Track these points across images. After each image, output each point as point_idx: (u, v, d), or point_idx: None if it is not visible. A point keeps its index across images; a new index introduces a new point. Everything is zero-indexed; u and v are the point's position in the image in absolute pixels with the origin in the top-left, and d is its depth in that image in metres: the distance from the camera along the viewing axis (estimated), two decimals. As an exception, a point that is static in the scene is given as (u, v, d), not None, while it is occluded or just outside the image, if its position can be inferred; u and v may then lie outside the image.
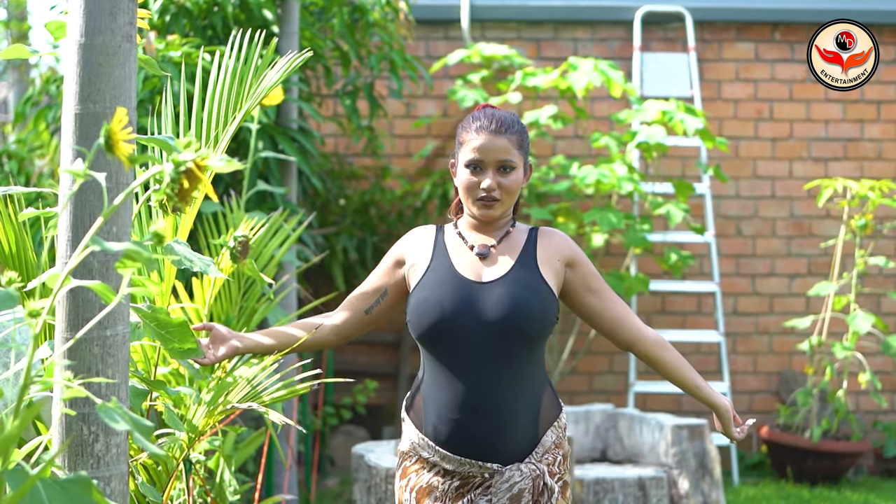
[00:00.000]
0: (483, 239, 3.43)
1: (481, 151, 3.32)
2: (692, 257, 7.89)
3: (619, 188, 7.32)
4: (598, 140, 7.69)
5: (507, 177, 3.34)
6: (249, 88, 4.28)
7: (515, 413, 3.26)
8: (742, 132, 8.75)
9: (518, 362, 3.27)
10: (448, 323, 3.27)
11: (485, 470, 3.25)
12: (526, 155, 3.42)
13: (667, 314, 8.72)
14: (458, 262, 3.38)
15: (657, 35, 8.71)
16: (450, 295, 3.30)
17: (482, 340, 3.25)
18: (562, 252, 3.41)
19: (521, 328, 3.25)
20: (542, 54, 8.70)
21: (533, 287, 3.30)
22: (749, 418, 3.63)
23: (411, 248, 3.51)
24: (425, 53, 8.70)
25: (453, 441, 3.28)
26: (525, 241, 3.43)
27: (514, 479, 3.22)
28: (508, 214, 3.47)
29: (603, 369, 8.69)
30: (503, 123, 3.35)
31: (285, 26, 6.50)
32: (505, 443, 3.26)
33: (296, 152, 6.38)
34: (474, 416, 3.25)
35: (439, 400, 3.30)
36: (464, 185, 3.37)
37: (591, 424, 6.97)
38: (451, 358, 3.28)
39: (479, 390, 3.25)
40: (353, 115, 7.31)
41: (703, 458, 6.49)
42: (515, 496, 3.22)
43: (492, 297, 3.28)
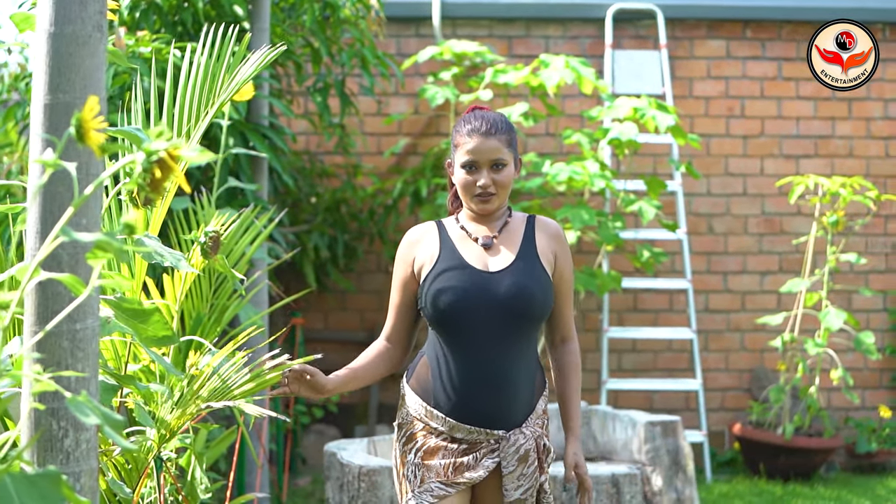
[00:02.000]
0: (484, 230, 3.76)
1: (475, 153, 3.66)
2: (664, 254, 7.89)
3: (591, 185, 7.31)
4: (570, 137, 7.67)
5: (500, 173, 3.68)
6: (221, 84, 4.25)
7: (519, 385, 3.62)
8: (713, 129, 8.76)
9: (522, 341, 3.63)
10: (463, 309, 3.61)
11: (492, 436, 3.60)
12: (515, 150, 3.75)
13: (639, 311, 8.72)
14: (466, 254, 3.71)
15: (629, 32, 8.70)
16: (464, 283, 3.64)
17: (494, 323, 3.60)
18: (555, 243, 3.76)
19: (528, 313, 3.61)
20: (513, 52, 8.69)
21: (536, 275, 3.65)
22: (573, 484, 3.79)
23: (416, 246, 3.81)
24: (397, 51, 8.67)
25: (464, 412, 3.62)
26: (524, 230, 3.76)
27: (520, 441, 3.59)
28: (505, 205, 3.79)
29: (575, 367, 8.66)
30: (493, 125, 3.68)
31: (256, 22, 6.45)
32: (510, 412, 3.61)
33: (266, 149, 6.34)
34: (486, 390, 3.60)
35: (452, 376, 3.65)
36: (462, 185, 3.70)
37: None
38: (464, 339, 3.63)
39: (491, 367, 3.60)
40: (324, 112, 7.28)
41: (677, 454, 6.48)
42: (522, 456, 3.58)
43: (502, 285, 3.63)
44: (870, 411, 8.72)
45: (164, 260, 3.59)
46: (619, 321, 8.67)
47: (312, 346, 8.32)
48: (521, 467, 3.59)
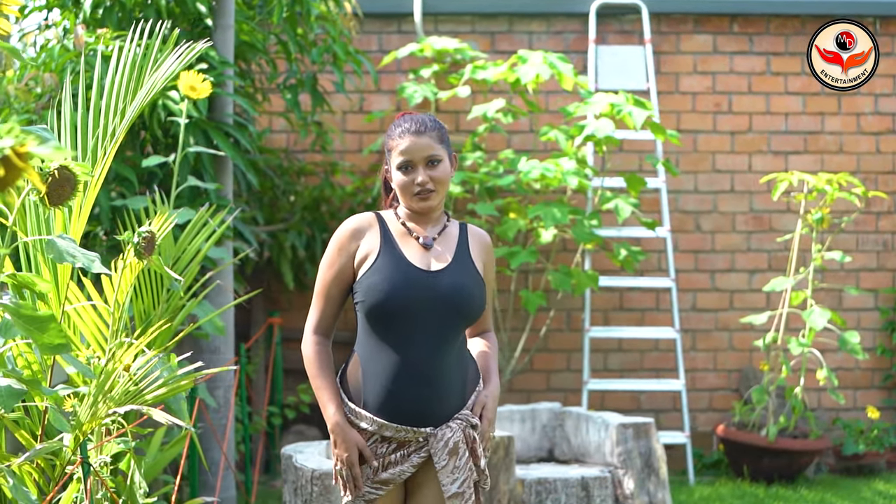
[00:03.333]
0: (424, 231, 3.81)
1: (408, 153, 3.72)
2: (643, 252, 7.76)
3: (565, 182, 7.18)
4: (547, 134, 7.55)
5: (436, 169, 3.73)
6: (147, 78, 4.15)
7: (452, 382, 3.69)
8: (700, 125, 8.62)
9: (456, 339, 3.71)
10: (403, 305, 3.64)
11: (419, 435, 3.65)
12: (449, 147, 3.81)
13: (625, 311, 8.59)
14: (407, 251, 3.76)
15: (613, 28, 8.57)
16: (405, 279, 3.67)
17: (432, 321, 3.65)
18: (484, 253, 3.88)
19: (465, 311, 3.70)
20: (496, 48, 8.57)
21: (472, 276, 3.76)
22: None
23: (358, 236, 3.82)
24: (378, 47, 8.56)
25: (394, 410, 3.65)
26: (458, 235, 3.85)
27: (447, 435, 3.63)
28: (442, 204, 3.84)
29: (560, 367, 8.56)
30: (422, 124, 3.76)
31: (219, 19, 6.37)
32: (441, 409, 3.67)
33: (229, 147, 6.25)
34: (419, 388, 3.64)
35: (383, 373, 3.67)
36: (400, 185, 3.74)
37: (538, 423, 6.83)
38: (399, 335, 3.66)
39: (426, 365, 3.64)
40: (294, 108, 7.18)
41: (649, 457, 6.36)
42: (452, 450, 3.63)
43: (442, 283, 3.69)
44: (860, 412, 8.56)
45: (75, 261, 3.50)
46: (605, 320, 8.55)
47: (291, 346, 8.23)
48: (452, 460, 3.64)
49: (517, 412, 6.81)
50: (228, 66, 6.33)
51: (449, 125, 8.47)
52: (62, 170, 3.46)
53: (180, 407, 4.23)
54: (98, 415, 3.53)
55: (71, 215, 3.93)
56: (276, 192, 8.03)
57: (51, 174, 3.41)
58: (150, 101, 6.05)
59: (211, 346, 6.48)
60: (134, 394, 3.55)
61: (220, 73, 6.27)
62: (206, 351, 6.50)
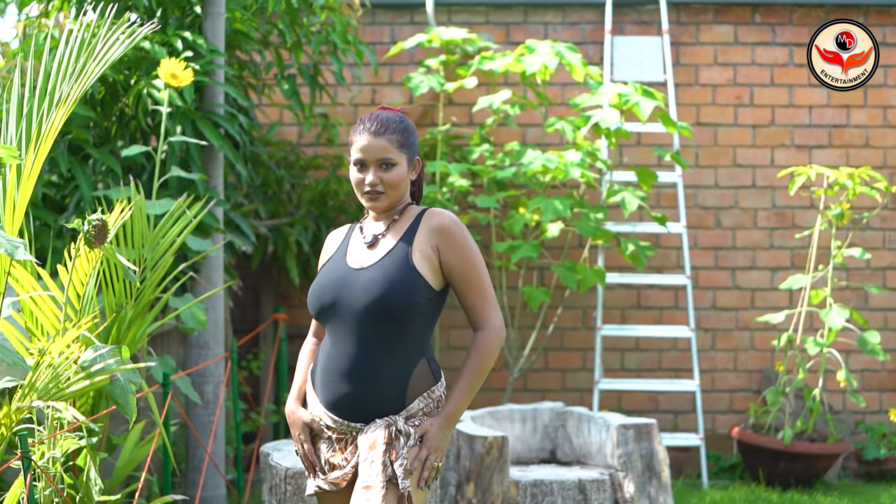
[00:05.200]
0: (378, 228, 3.77)
1: (363, 151, 3.68)
2: (652, 248, 7.54)
3: (567, 175, 6.98)
4: (553, 125, 7.34)
5: (388, 172, 3.67)
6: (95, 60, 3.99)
7: (380, 381, 3.63)
8: (721, 119, 8.37)
9: (385, 337, 3.63)
10: (327, 305, 3.69)
11: (353, 429, 3.65)
12: (410, 151, 3.73)
13: (642, 309, 8.36)
14: (352, 252, 3.76)
15: (631, 18, 8.34)
16: (330, 281, 3.71)
17: (351, 320, 3.64)
18: (436, 237, 3.69)
19: (381, 309, 3.60)
20: (510, 39, 8.36)
21: (398, 270, 3.64)
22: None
23: (327, 247, 3.92)
24: (391, 38, 8.39)
25: (329, 401, 3.68)
26: (411, 223, 3.74)
27: (371, 430, 3.60)
28: (401, 204, 3.78)
29: (576, 366, 8.35)
30: (383, 125, 3.69)
31: (209, 7, 6.22)
32: (369, 406, 3.63)
33: (217, 137, 6.09)
34: (344, 382, 3.64)
35: (322, 366, 3.72)
36: (354, 182, 3.74)
37: (539, 423, 6.63)
38: (332, 332, 3.70)
39: (348, 360, 3.64)
40: (293, 99, 7.02)
41: (651, 459, 6.14)
42: (372, 443, 3.56)
43: (360, 281, 3.66)
44: (886, 415, 8.27)
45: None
46: (622, 318, 8.33)
47: (297, 343, 8.07)
48: (371, 454, 3.57)
49: (518, 412, 6.61)
50: (218, 54, 6.17)
51: (460, 118, 8.28)
52: (-20, 152, 3.32)
53: (127, 401, 4.07)
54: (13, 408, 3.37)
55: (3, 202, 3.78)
56: (280, 186, 7.86)
57: (-33, 157, 3.28)
58: (135, 89, 5.97)
59: (200, 342, 6.33)
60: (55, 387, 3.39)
61: (208, 61, 6.12)
62: (196, 346, 6.35)
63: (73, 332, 3.60)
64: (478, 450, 5.88)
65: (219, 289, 5.98)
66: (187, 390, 5.72)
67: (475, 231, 7.81)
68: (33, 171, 3.75)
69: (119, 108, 6.24)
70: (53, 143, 5.89)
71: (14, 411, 3.38)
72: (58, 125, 3.84)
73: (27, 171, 3.72)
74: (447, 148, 7.96)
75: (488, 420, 6.50)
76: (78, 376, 3.43)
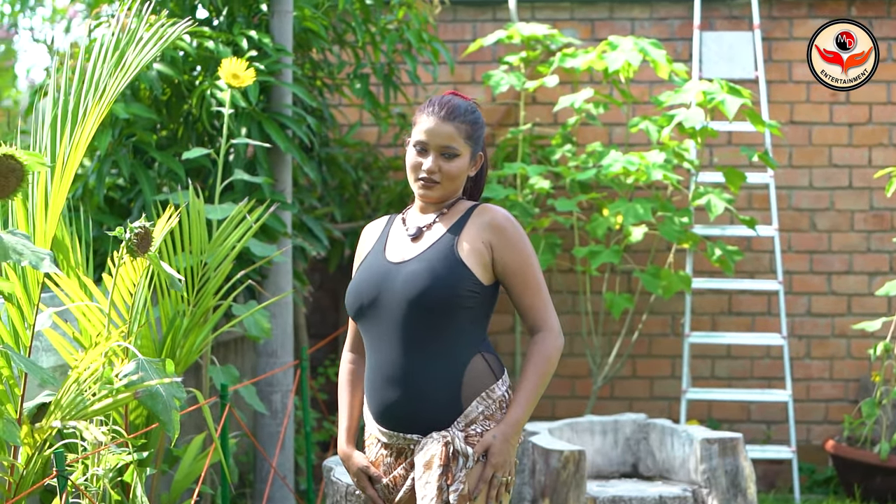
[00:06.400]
0: (421, 220, 3.57)
1: (427, 134, 3.47)
2: (739, 252, 7.22)
3: (649, 177, 6.70)
4: (637, 125, 7.07)
5: (449, 163, 3.47)
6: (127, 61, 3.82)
7: (429, 385, 3.39)
8: (815, 117, 8.02)
9: (430, 336, 3.39)
10: (366, 304, 3.46)
11: (409, 442, 3.42)
12: (475, 146, 3.53)
13: (734, 315, 8.05)
14: (392, 246, 3.55)
15: (721, 13, 8.03)
16: (369, 278, 3.49)
17: (393, 318, 3.41)
18: (489, 233, 3.47)
19: (424, 302, 3.37)
20: (596, 36, 8.09)
21: (441, 261, 3.41)
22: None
23: (363, 243, 3.69)
24: (472, 36, 8.15)
25: (381, 414, 3.45)
26: (459, 217, 3.53)
27: (427, 445, 3.35)
28: (452, 197, 3.57)
29: (664, 374, 8.06)
30: (453, 111, 3.48)
31: (277, 5, 6.04)
32: (422, 414, 3.40)
33: (283, 139, 5.92)
34: (391, 389, 3.41)
35: (368, 375, 3.50)
36: (410, 165, 3.53)
37: (621, 436, 6.36)
38: (373, 336, 3.46)
39: (392, 364, 3.40)
40: (366, 99, 6.83)
41: (736, 475, 5.83)
42: (428, 462, 3.32)
43: (401, 275, 3.43)
44: None
45: (21, 258, 3.19)
46: (712, 325, 8.02)
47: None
48: (426, 474, 3.34)
49: (598, 423, 6.35)
50: (285, 53, 5.99)
51: (544, 117, 8.03)
52: (5, 159, 3.16)
53: (170, 417, 3.89)
54: (41, 429, 3.20)
55: (33, 209, 3.61)
56: (357, 188, 7.68)
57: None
58: (199, 90, 5.81)
59: (268, 350, 6.17)
60: (78, 405, 3.22)
61: (274, 61, 5.94)
62: (263, 354, 6.19)
63: (102, 345, 3.42)
64: (553, 464, 5.64)
65: (281, 296, 5.81)
66: (252, 400, 5.55)
67: (557, 235, 7.57)
68: (65, 176, 3.58)
69: (185, 109, 6.09)
70: (116, 145, 5.81)
71: (36, 431, 3.21)
72: (92, 127, 3.66)
73: (58, 175, 3.55)
74: (530, 148, 7.72)
75: (567, 432, 6.24)
76: (102, 393, 3.25)
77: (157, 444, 4.67)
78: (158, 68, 5.77)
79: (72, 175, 3.64)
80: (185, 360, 4.83)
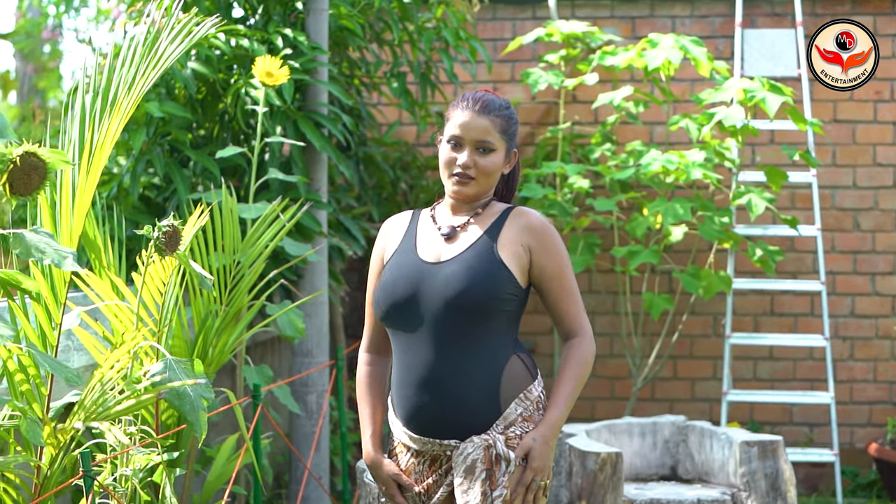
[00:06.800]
0: (454, 220, 3.48)
1: (462, 128, 3.39)
2: (781, 252, 7.12)
3: (689, 176, 6.62)
4: (677, 123, 6.99)
5: (485, 157, 3.39)
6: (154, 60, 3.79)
7: (467, 388, 3.29)
8: (859, 115, 7.91)
9: (467, 338, 3.31)
10: (399, 304, 3.36)
11: (445, 448, 3.30)
12: (510, 141, 3.47)
13: (776, 315, 7.95)
14: (423, 245, 3.44)
15: (763, 10, 7.93)
16: (403, 277, 3.38)
17: (432, 320, 3.31)
18: (527, 235, 3.40)
19: (466, 304, 3.29)
20: (636, 34, 8.01)
21: (483, 265, 3.33)
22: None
23: (387, 237, 3.58)
24: (512, 34, 8.09)
25: (413, 420, 3.33)
26: (495, 219, 3.44)
27: (468, 450, 3.24)
28: (486, 197, 3.49)
29: (706, 375, 7.97)
30: (488, 105, 3.41)
31: (312, 3, 6.00)
32: (459, 418, 3.30)
33: (318, 138, 5.88)
34: (426, 393, 3.30)
35: (398, 379, 3.38)
36: (443, 161, 3.46)
37: (660, 438, 6.28)
38: (405, 337, 3.36)
39: (427, 367, 3.30)
40: (403, 98, 6.78)
41: (776, 479, 5.75)
42: (469, 468, 3.23)
43: (440, 276, 3.34)
44: None
45: (44, 256, 3.17)
46: (754, 326, 7.92)
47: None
48: (467, 480, 3.24)
49: (637, 425, 6.27)
50: (320, 51, 5.95)
51: (584, 116, 7.95)
52: (27, 157, 3.13)
53: (197, 418, 3.85)
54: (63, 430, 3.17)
55: (58, 207, 3.59)
56: (396, 188, 7.63)
57: (12, 161, 3.09)
58: (233, 89, 5.78)
59: (303, 350, 6.13)
60: (99, 407, 3.19)
61: (310, 59, 5.91)
62: (299, 354, 6.16)
63: (127, 344, 3.39)
64: (590, 466, 5.57)
65: (313, 295, 5.78)
66: (286, 400, 5.51)
67: (597, 234, 7.50)
68: (92, 173, 3.55)
69: (221, 108, 6.07)
70: (151, 144, 5.80)
71: (59, 431, 3.18)
72: (119, 124, 3.63)
73: (84, 173, 3.53)
74: (569, 147, 7.65)
75: (605, 434, 6.18)
76: (124, 394, 3.22)
77: (188, 445, 4.64)
78: (193, 67, 5.75)
79: (98, 172, 3.61)
80: (217, 359, 4.80)
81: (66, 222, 3.59)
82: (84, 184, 3.56)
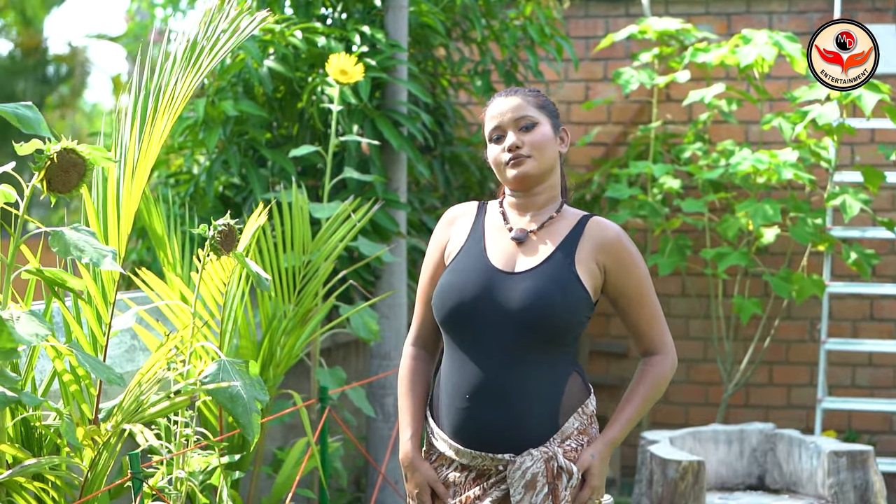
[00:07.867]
0: (524, 222, 3.27)
1: (497, 117, 3.23)
2: (877, 256, 6.87)
3: (780, 176, 6.41)
4: (769, 122, 6.78)
5: (531, 133, 3.20)
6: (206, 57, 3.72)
7: (530, 402, 3.12)
8: (964, 113, 7.62)
9: (537, 354, 3.13)
10: (467, 311, 3.15)
11: (497, 462, 3.11)
12: (553, 118, 3.28)
13: (875, 321, 7.69)
14: (492, 247, 3.25)
15: (863, 5, 7.68)
16: (474, 283, 3.17)
17: (500, 332, 3.13)
18: (603, 254, 3.22)
19: (541, 326, 3.11)
20: (732, 30, 7.81)
21: (563, 284, 3.14)
22: None
23: (450, 227, 3.38)
24: (605, 32, 7.94)
25: (464, 432, 3.15)
26: (571, 229, 3.24)
27: (526, 464, 3.06)
28: (552, 190, 3.29)
29: (802, 382, 7.74)
30: (514, 89, 3.30)
31: (391, 0, 5.91)
32: (518, 433, 3.12)
33: (395, 137, 5.79)
34: (485, 406, 3.12)
35: (451, 388, 3.19)
36: (494, 161, 3.26)
37: (747, 446, 6.09)
38: (467, 346, 3.16)
39: (488, 379, 3.12)
40: (486, 96, 6.67)
41: (865, 490, 5.54)
42: (530, 482, 3.06)
43: (517, 289, 3.14)
44: None
45: (83, 255, 3.10)
46: (853, 331, 7.68)
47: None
48: (529, 495, 3.06)
49: (723, 433, 6.09)
50: (399, 49, 5.86)
51: (678, 115, 7.77)
52: (65, 153, 3.08)
53: (249, 421, 3.77)
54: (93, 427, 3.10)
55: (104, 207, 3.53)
56: (483, 188, 7.52)
57: (50, 158, 3.04)
58: (309, 87, 5.72)
59: (381, 352, 6.04)
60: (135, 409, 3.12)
61: (388, 56, 5.82)
62: (377, 357, 6.07)
63: (166, 346, 3.32)
64: (671, 475, 5.41)
65: (385, 294, 5.69)
66: (360, 403, 5.42)
67: (689, 236, 7.31)
68: (139, 171, 3.49)
69: (300, 107, 6.01)
70: (227, 143, 5.75)
71: (93, 432, 3.11)
72: (170, 120, 3.56)
73: (129, 171, 3.46)
74: (662, 147, 7.47)
75: (689, 442, 6.00)
76: (159, 396, 3.14)
77: (252, 447, 4.57)
78: (269, 65, 5.69)
79: (147, 170, 3.55)
80: (285, 360, 4.73)
81: (112, 221, 3.53)
82: (130, 182, 3.49)
